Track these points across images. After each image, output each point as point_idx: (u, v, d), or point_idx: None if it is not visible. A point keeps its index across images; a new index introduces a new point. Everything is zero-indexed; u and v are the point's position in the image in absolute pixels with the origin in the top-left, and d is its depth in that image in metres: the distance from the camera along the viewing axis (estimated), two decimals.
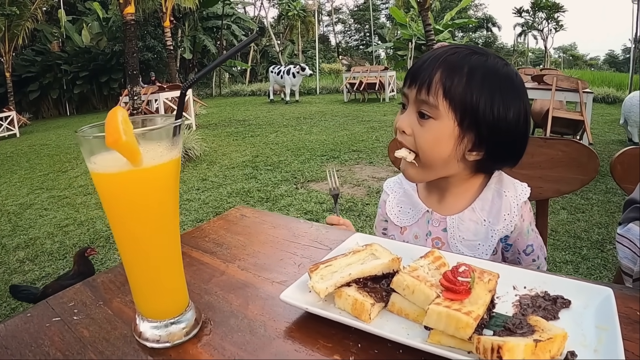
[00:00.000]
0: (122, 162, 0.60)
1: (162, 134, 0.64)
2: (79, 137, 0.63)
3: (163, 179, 0.65)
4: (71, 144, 11.06)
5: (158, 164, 0.63)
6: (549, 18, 39.89)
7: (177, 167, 0.67)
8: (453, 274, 0.67)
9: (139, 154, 0.60)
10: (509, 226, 1.16)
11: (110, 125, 0.57)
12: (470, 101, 1.06)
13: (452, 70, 1.07)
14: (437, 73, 1.07)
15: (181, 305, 0.73)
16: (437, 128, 1.08)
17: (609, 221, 4.60)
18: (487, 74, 1.08)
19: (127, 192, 0.64)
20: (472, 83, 1.06)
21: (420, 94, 1.08)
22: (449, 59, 1.09)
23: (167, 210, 0.67)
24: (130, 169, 0.61)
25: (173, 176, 0.66)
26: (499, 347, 0.55)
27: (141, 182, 0.63)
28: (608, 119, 11.00)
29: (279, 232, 1.11)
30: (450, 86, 1.06)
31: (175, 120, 0.64)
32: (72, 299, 0.87)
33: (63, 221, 5.47)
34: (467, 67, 1.07)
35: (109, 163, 0.62)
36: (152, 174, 0.63)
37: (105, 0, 21.32)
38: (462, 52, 1.11)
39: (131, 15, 8.80)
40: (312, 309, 0.70)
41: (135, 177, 0.63)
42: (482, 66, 1.08)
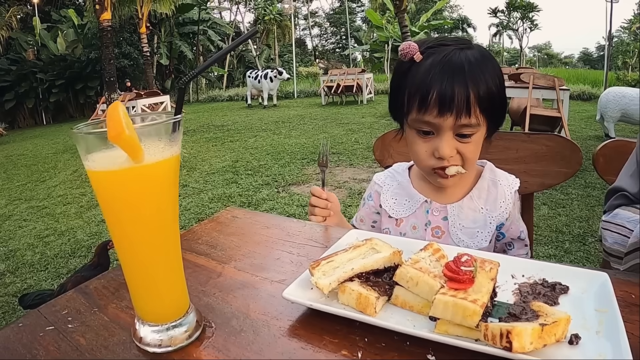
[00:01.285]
0: (122, 159, 0.58)
1: (161, 129, 0.63)
2: (75, 135, 0.61)
3: (164, 175, 0.64)
4: (48, 154, 10.88)
5: (159, 160, 0.61)
6: (524, 18, 40.51)
7: (177, 164, 0.65)
8: (455, 264, 0.68)
9: (140, 149, 0.59)
10: (505, 213, 1.22)
11: (112, 119, 0.55)
12: (494, 100, 1.10)
13: (477, 82, 1.06)
14: (470, 93, 1.06)
15: (182, 307, 0.71)
16: (479, 137, 1.13)
17: (590, 215, 4.67)
18: (487, 65, 1.10)
19: (127, 191, 0.62)
20: (489, 84, 1.08)
21: (461, 120, 1.07)
22: (467, 69, 1.07)
23: (168, 209, 0.66)
24: (131, 165, 0.59)
25: (173, 173, 0.65)
26: (508, 332, 0.56)
27: (142, 179, 0.62)
28: (584, 115, 11.19)
29: (272, 231, 1.10)
30: (482, 100, 1.07)
31: (175, 115, 0.63)
32: (65, 307, 0.83)
33: (43, 232, 5.36)
34: (478, 70, 1.08)
35: (109, 160, 0.60)
36: (153, 170, 0.62)
37: (81, 7, 21.05)
38: (467, 55, 1.09)
39: (107, 22, 8.73)
40: (317, 305, 0.69)
41: (136, 174, 0.61)
42: (481, 59, 1.10)
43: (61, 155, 10.37)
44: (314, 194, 1.27)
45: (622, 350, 0.56)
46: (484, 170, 1.27)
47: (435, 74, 1.08)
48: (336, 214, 1.29)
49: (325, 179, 1.27)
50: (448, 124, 1.07)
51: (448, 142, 1.09)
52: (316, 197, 1.26)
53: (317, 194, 1.26)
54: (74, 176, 8.13)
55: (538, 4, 40.25)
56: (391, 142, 1.82)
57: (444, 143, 1.09)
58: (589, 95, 15.18)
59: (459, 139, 1.09)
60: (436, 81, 1.07)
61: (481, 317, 0.61)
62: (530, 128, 7.10)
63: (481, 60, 1.10)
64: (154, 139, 0.62)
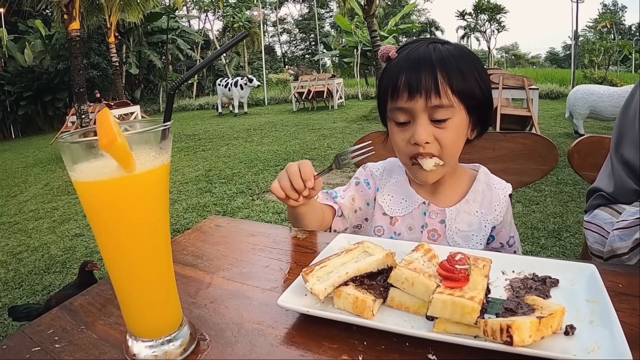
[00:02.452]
0: (112, 168, 0.56)
1: (151, 137, 0.61)
2: (61, 145, 0.58)
3: (155, 184, 0.62)
4: (18, 168, 10.63)
5: (150, 169, 0.59)
6: (492, 19, 41.11)
7: (167, 172, 0.63)
8: (450, 262, 0.68)
9: (132, 158, 0.56)
10: (499, 216, 1.22)
11: (104, 126, 0.53)
12: (469, 87, 1.10)
13: (446, 67, 1.08)
14: (437, 74, 1.07)
15: (176, 320, 0.69)
16: (456, 123, 1.11)
17: (563, 210, 4.75)
18: (465, 57, 1.12)
19: (117, 201, 0.59)
20: (463, 71, 1.09)
21: (431, 101, 1.07)
22: (436, 57, 1.10)
23: (159, 219, 0.64)
24: (121, 175, 0.57)
25: (164, 182, 0.63)
26: (508, 327, 0.56)
27: (133, 189, 0.59)
28: (553, 113, 11.43)
29: (258, 239, 1.08)
30: (454, 81, 1.08)
31: (164, 122, 0.61)
32: (50, 326, 0.80)
33: (16, 248, 5.21)
34: (452, 59, 1.10)
35: (97, 170, 0.57)
36: (144, 180, 0.59)
37: (48, 18, 20.59)
38: (438, 47, 1.13)
39: (76, 32, 8.57)
40: (314, 311, 0.68)
41: (127, 184, 0.58)
42: (457, 52, 1.13)
43: (31, 169, 10.15)
44: (300, 167, 1.08)
45: (616, 338, 0.57)
46: (478, 173, 1.27)
47: (404, 63, 1.13)
48: (305, 200, 1.13)
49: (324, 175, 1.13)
50: (419, 106, 1.08)
51: (423, 127, 1.09)
52: (297, 175, 1.07)
53: (302, 170, 1.07)
54: (45, 190, 7.95)
55: (505, 6, 40.97)
56: None
57: (419, 127, 1.09)
58: (557, 93, 15.53)
59: (435, 125, 1.10)
60: (405, 69, 1.11)
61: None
62: (502, 128, 7.23)
63: (453, 50, 1.13)
64: (145, 147, 0.60)
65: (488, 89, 1.15)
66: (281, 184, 1.08)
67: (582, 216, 4.10)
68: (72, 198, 7.17)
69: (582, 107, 8.12)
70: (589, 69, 22.08)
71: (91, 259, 4.46)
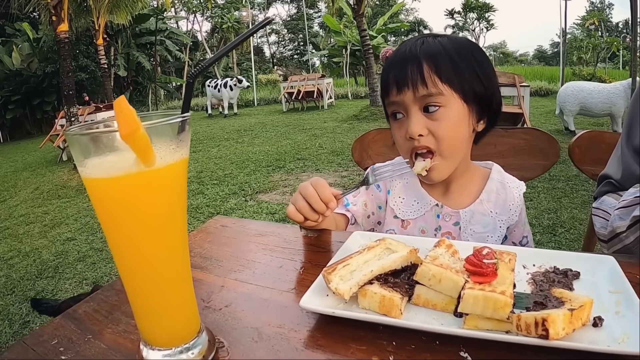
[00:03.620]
0: (128, 162, 0.52)
1: (169, 129, 0.56)
2: (70, 138, 0.53)
3: (173, 180, 0.57)
4: (7, 172, 10.51)
5: (169, 164, 0.55)
6: (480, 18, 41.22)
7: (185, 167, 0.59)
8: (477, 257, 0.67)
9: (152, 151, 0.52)
10: (514, 216, 1.20)
11: (124, 115, 0.48)
12: (463, 76, 1.08)
13: (433, 57, 1.08)
14: (423, 65, 1.07)
15: (194, 327, 0.64)
16: (450, 113, 1.08)
17: (557, 206, 4.76)
18: (459, 47, 1.11)
19: (134, 199, 0.54)
20: (455, 60, 1.08)
21: (419, 91, 1.07)
22: (423, 49, 1.10)
23: (177, 218, 0.59)
24: (139, 170, 0.52)
25: (183, 178, 0.59)
26: (544, 320, 0.56)
27: (151, 185, 0.55)
28: (543, 110, 11.49)
29: (268, 239, 1.04)
30: (442, 70, 1.07)
31: (182, 113, 0.57)
32: (53, 336, 0.74)
33: (7, 253, 5.13)
34: (442, 49, 1.09)
35: (112, 165, 0.53)
36: (163, 175, 0.55)
37: (35, 21, 20.38)
38: (428, 40, 1.13)
39: (65, 34, 8.46)
40: (340, 312, 0.65)
41: (145, 179, 0.54)
42: (450, 43, 1.12)
43: (21, 174, 10.05)
44: (317, 188, 0.99)
45: None
46: (491, 171, 1.25)
47: (393, 60, 1.15)
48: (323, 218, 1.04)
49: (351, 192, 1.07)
50: (409, 98, 1.09)
51: (414, 119, 1.09)
52: (315, 197, 0.98)
53: (320, 190, 0.98)
54: (35, 194, 7.86)
55: (494, 4, 41.08)
56: (370, 143, 1.81)
57: (411, 120, 1.09)
58: (546, 90, 15.66)
59: (427, 115, 1.08)
60: (393, 64, 1.13)
61: None
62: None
63: (446, 41, 1.12)
64: (164, 139, 0.55)
65: (489, 78, 1.12)
66: (298, 207, 0.99)
67: (576, 212, 4.14)
68: (62, 202, 7.10)
69: (573, 104, 8.19)
70: (578, 66, 22.21)
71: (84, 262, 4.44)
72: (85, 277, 4.21)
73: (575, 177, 5.75)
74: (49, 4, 8.29)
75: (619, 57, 30.74)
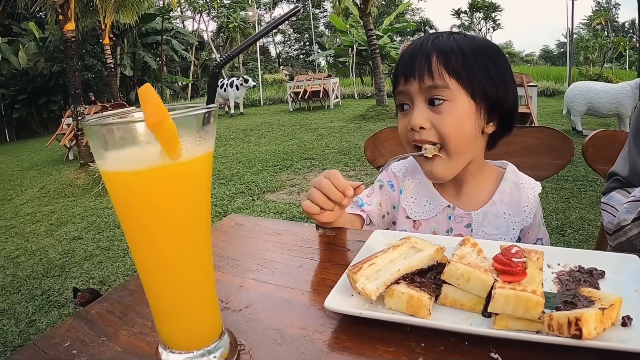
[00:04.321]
0: (152, 155, 0.49)
1: (194, 121, 0.53)
2: (89, 129, 0.51)
3: (200, 174, 0.54)
4: (14, 171, 10.56)
5: (195, 157, 0.52)
6: (487, 18, 41.09)
7: (211, 161, 0.57)
8: (506, 256, 0.65)
9: (179, 142, 0.49)
10: (528, 218, 1.17)
11: (151, 103, 0.45)
12: (473, 73, 1.06)
13: (444, 51, 1.07)
14: (432, 57, 1.06)
15: (216, 329, 0.62)
16: (455, 108, 1.06)
17: (565, 207, 4.74)
18: (474, 45, 1.10)
19: (158, 194, 0.52)
20: (467, 57, 1.07)
21: (425, 82, 1.05)
22: (435, 43, 1.09)
23: (202, 214, 0.56)
24: (163, 163, 0.49)
25: (208, 172, 0.57)
26: (577, 320, 0.54)
27: (177, 179, 0.52)
28: (550, 110, 11.44)
29: (285, 238, 1.02)
30: (451, 64, 1.05)
31: (207, 104, 0.54)
32: (66, 338, 0.71)
33: (13, 252, 5.15)
34: (455, 45, 1.08)
35: (134, 158, 0.50)
36: (189, 169, 0.52)
37: (42, 20, 20.48)
38: (442, 35, 1.12)
39: (71, 33, 8.48)
40: (368, 313, 0.63)
41: (170, 173, 0.51)
42: (466, 40, 1.10)
43: (27, 172, 10.09)
44: (331, 178, 0.99)
45: None
46: (505, 172, 1.22)
47: (405, 53, 1.14)
48: (340, 210, 1.06)
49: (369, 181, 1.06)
50: (414, 89, 1.08)
51: (418, 110, 1.08)
52: (331, 187, 0.98)
53: (335, 182, 0.99)
54: (42, 193, 7.89)
55: (500, 4, 40.95)
56: (382, 142, 1.79)
57: (415, 111, 1.08)
58: (553, 91, 15.60)
59: (432, 108, 1.06)
60: (404, 57, 1.12)
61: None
62: None
63: (461, 38, 1.11)
64: (191, 131, 0.52)
65: (503, 81, 1.10)
66: (313, 199, 1.00)
67: (584, 212, 4.12)
68: (69, 201, 7.12)
69: (580, 104, 8.17)
70: (584, 66, 22.12)
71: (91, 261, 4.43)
72: (92, 276, 4.22)
73: (583, 177, 5.73)
74: (55, 3, 8.31)
75: (625, 57, 30.62)
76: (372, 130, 10.40)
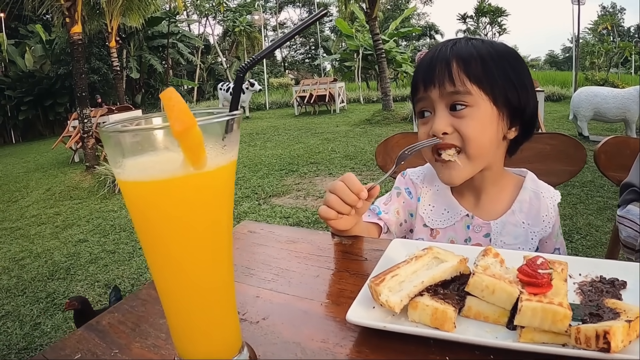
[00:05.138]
0: (175, 164, 0.47)
1: (218, 128, 0.50)
2: (106, 136, 0.48)
3: (224, 184, 0.52)
4: (19, 173, 10.59)
5: (219, 166, 0.50)
6: (493, 22, 41.03)
7: (234, 171, 0.55)
8: (531, 267, 0.63)
9: (204, 151, 0.47)
10: (547, 227, 1.15)
11: (178, 109, 0.43)
12: (494, 78, 1.05)
13: (464, 58, 1.06)
14: (452, 64, 1.05)
15: (235, 343, 0.59)
16: (478, 113, 1.05)
17: (572, 213, 4.72)
18: (493, 51, 1.09)
19: (180, 205, 0.49)
20: (487, 62, 1.06)
21: (446, 89, 1.05)
22: (454, 49, 1.08)
23: (224, 226, 0.54)
24: (187, 173, 0.47)
25: (231, 182, 0.54)
26: (606, 333, 0.53)
27: (200, 189, 0.49)
28: (556, 115, 11.40)
29: (300, 246, 0.99)
30: (472, 70, 1.04)
31: (230, 111, 0.51)
32: (76, 350, 0.69)
33: (18, 254, 5.16)
34: (474, 51, 1.07)
35: (156, 167, 0.48)
36: (212, 179, 0.50)
37: (48, 23, 20.58)
38: (461, 41, 1.11)
39: (78, 35, 8.53)
40: (392, 326, 0.61)
41: (193, 183, 0.48)
42: (484, 46, 1.10)
43: (32, 174, 10.12)
44: (346, 181, 0.98)
45: None
46: (525, 180, 1.20)
47: (424, 59, 1.13)
48: (357, 216, 1.05)
49: (382, 180, 1.01)
50: (435, 95, 1.07)
51: (440, 116, 1.07)
52: (346, 189, 0.97)
53: (349, 184, 0.98)
54: (47, 195, 7.90)
55: (506, 9, 40.92)
56: (393, 147, 1.78)
57: (436, 117, 1.07)
58: (559, 96, 15.55)
59: (453, 113, 1.06)
60: (424, 63, 1.12)
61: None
62: None
63: (480, 44, 1.10)
64: (214, 138, 0.50)
65: (524, 86, 1.09)
66: (328, 203, 0.99)
67: (592, 218, 4.09)
68: (74, 203, 7.13)
69: (587, 109, 8.16)
70: (590, 71, 22.06)
71: (96, 264, 4.42)
72: (97, 279, 4.21)
73: (590, 182, 5.70)
74: (62, 5, 8.35)
75: (631, 62, 30.55)
76: (379, 135, 10.35)
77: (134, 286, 4.00)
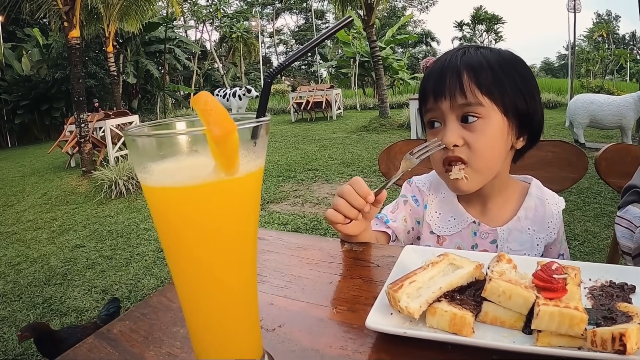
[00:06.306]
0: (206, 170, 0.46)
1: (247, 134, 0.49)
2: (132, 140, 0.47)
3: (252, 192, 0.52)
4: (15, 177, 10.55)
5: (249, 173, 0.49)
6: (489, 30, 41.18)
7: (261, 178, 0.54)
8: (546, 272, 0.65)
9: (238, 156, 0.46)
10: (552, 233, 1.17)
11: (216, 113, 0.42)
12: (504, 89, 1.06)
13: (473, 68, 1.06)
14: (463, 75, 1.05)
15: (257, 351, 0.58)
16: (489, 126, 1.05)
17: (570, 219, 4.75)
18: (501, 59, 1.09)
19: (210, 212, 0.48)
20: (496, 72, 1.06)
21: (457, 100, 1.05)
22: (464, 59, 1.08)
23: (251, 235, 0.54)
24: (218, 179, 0.46)
25: (259, 189, 0.54)
26: (622, 335, 0.54)
27: (231, 196, 0.49)
28: (552, 122, 11.45)
29: (311, 253, 0.99)
30: (483, 81, 1.05)
31: (258, 116, 0.51)
32: (88, 359, 0.67)
33: (14, 259, 5.14)
34: (484, 60, 1.07)
35: (186, 172, 0.47)
36: (242, 185, 0.49)
37: (45, 27, 20.50)
38: (470, 50, 1.11)
39: (76, 39, 8.53)
40: (412, 332, 0.62)
41: (223, 189, 0.47)
42: (492, 54, 1.10)
43: (28, 179, 10.08)
44: (353, 185, 0.99)
45: None
46: (530, 187, 1.21)
47: (433, 69, 1.13)
48: (365, 221, 1.04)
49: (386, 185, 1.03)
50: (446, 107, 1.07)
51: (451, 128, 1.07)
52: (353, 193, 0.98)
53: (357, 187, 0.99)
54: (43, 200, 7.87)
55: (503, 17, 41.04)
56: (397, 155, 1.79)
57: (447, 130, 1.07)
58: (555, 103, 15.62)
59: (465, 125, 1.06)
60: (433, 73, 1.11)
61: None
62: None
63: (488, 53, 1.10)
64: (246, 144, 0.49)
65: (532, 94, 1.10)
66: (335, 206, 0.99)
67: (589, 225, 4.11)
68: (71, 208, 7.11)
69: (583, 116, 8.22)
70: (586, 78, 22.17)
71: (93, 270, 4.40)
72: (95, 285, 4.20)
73: (587, 189, 5.74)
74: (60, 9, 8.35)
75: (626, 69, 30.73)
76: (375, 142, 10.36)
77: (131, 292, 3.98)
